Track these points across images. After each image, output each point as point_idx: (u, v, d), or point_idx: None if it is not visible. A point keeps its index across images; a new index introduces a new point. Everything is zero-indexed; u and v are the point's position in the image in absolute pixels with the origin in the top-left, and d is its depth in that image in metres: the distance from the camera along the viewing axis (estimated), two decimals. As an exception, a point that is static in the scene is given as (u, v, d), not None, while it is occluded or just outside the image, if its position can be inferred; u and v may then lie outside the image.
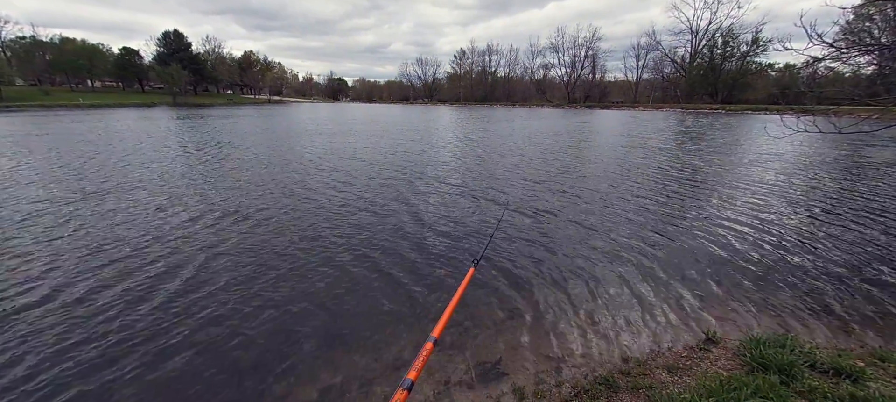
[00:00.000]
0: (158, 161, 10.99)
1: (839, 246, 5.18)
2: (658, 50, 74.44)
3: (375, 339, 3.17)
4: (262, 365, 2.87)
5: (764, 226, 5.97)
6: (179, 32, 71.05)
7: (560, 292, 3.96)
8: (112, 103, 49.36)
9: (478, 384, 2.69)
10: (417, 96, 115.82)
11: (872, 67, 8.73)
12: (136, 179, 8.71)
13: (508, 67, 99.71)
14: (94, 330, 3.23)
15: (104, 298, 3.72)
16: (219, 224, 5.82)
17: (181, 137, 17.03)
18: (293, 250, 4.87)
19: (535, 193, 7.93)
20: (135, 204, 6.78)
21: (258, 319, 3.43)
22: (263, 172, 9.78)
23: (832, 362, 2.50)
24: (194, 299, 3.74)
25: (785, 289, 4.05)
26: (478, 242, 5.26)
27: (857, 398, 2.10)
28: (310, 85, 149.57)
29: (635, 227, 5.93)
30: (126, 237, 5.23)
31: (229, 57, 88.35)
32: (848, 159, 12.14)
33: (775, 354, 2.54)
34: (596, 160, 12.21)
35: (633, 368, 2.74)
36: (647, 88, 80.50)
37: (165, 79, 61.30)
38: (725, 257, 4.84)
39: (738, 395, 2.13)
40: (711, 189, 8.39)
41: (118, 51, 67.39)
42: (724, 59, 63.95)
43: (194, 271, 4.31)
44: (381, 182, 8.81)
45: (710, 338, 3.09)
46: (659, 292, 3.97)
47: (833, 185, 8.74)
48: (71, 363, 2.84)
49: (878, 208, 6.92)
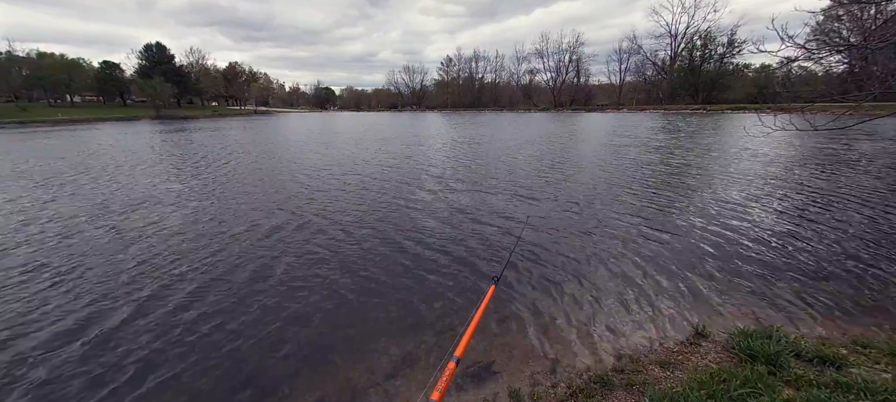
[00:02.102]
0: (146, 178, 10.76)
1: (820, 238, 5.35)
2: (640, 54, 76.44)
3: (394, 355, 3.05)
4: (285, 384, 2.82)
5: (748, 221, 6.13)
6: (162, 45, 70.08)
7: (553, 293, 4.00)
8: (92, 118, 48.22)
9: (472, 387, 2.69)
10: (406, 104, 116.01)
11: (843, 66, 9.09)
12: (139, 198, 8.51)
13: (495, 73, 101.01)
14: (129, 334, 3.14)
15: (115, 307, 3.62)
16: (250, 238, 5.72)
17: (167, 151, 16.71)
18: (311, 272, 4.61)
19: (522, 194, 8.00)
20: (122, 225, 6.62)
21: (280, 338, 3.34)
22: (264, 185, 9.66)
23: (817, 351, 2.58)
24: (206, 331, 3.66)
25: (770, 282, 4.17)
26: (489, 255, 5.07)
27: (841, 385, 2.17)
28: (297, 95, 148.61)
29: (625, 226, 6.02)
30: (128, 256, 5.11)
31: (213, 68, 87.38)
32: (824, 154, 12.57)
33: (762, 345, 2.61)
34: (586, 162, 12.39)
35: (627, 365, 2.78)
36: (631, 91, 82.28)
37: (148, 92, 60.14)
38: (713, 253, 4.96)
39: (727, 386, 2.18)
40: (696, 188, 8.58)
41: (98, 65, 66.01)
42: (703, 61, 65.95)
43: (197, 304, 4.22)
44: (388, 192, 8.78)
45: (700, 332, 3.16)
46: (650, 291, 4.04)
47: (812, 180, 9.03)
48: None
49: (856, 200, 7.17)
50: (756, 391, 2.13)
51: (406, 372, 2.82)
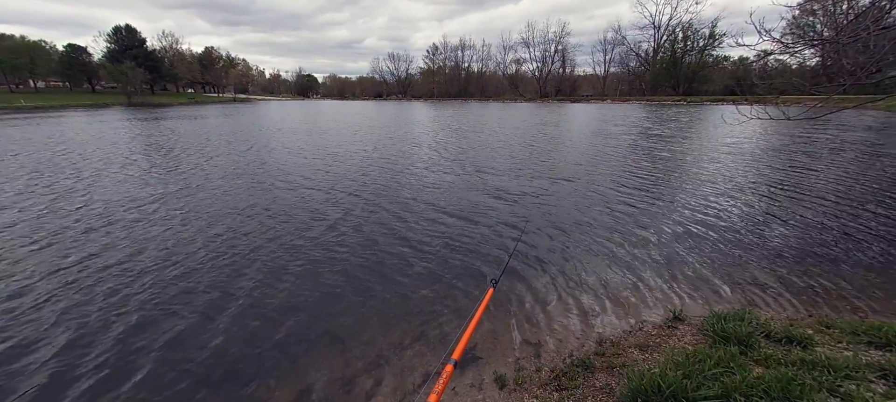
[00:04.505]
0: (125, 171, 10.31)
1: (790, 226, 5.59)
2: (624, 45, 77.33)
3: (392, 356, 2.97)
4: (280, 387, 2.77)
5: (722, 209, 6.35)
6: (132, 27, 66.56)
7: (535, 281, 4.06)
8: (58, 104, 45.61)
9: (457, 374, 2.72)
10: (391, 92, 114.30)
11: (816, 60, 9.41)
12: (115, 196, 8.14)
13: (481, 62, 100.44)
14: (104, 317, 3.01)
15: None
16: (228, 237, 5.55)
17: (143, 142, 16.04)
18: (305, 271, 4.42)
19: (507, 180, 8.06)
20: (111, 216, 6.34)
21: (273, 340, 3.27)
22: (253, 179, 9.39)
23: (785, 331, 2.70)
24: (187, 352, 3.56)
25: (743, 266, 4.34)
26: (485, 256, 4.77)
27: (807, 362, 2.29)
28: (277, 82, 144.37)
29: (607, 217, 6.15)
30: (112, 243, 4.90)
31: (189, 53, 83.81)
32: (796, 144, 13.09)
33: (735, 327, 2.72)
34: (571, 151, 12.56)
35: (608, 349, 2.86)
36: (615, 82, 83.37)
37: (118, 78, 57.14)
38: (689, 240, 5.12)
39: (702, 366, 2.27)
40: (675, 178, 8.82)
41: (63, 48, 62.23)
42: (684, 53, 67.21)
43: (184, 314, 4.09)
44: (386, 192, 8.67)
45: (677, 316, 3.27)
46: (630, 277, 4.15)
47: (783, 169, 9.40)
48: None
49: (822, 189, 7.51)
50: (729, 370, 2.22)
51: (403, 374, 2.80)
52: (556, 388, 2.46)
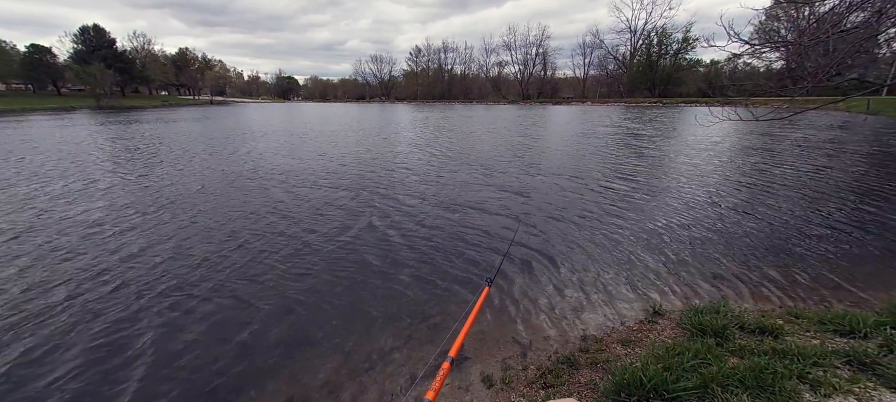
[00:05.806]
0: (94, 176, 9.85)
1: (760, 221, 5.84)
2: (602, 48, 79.18)
3: (389, 355, 2.96)
4: (273, 388, 2.69)
5: (698, 206, 6.58)
6: (100, 27, 63.86)
7: (520, 280, 4.10)
8: (20, 108, 43.11)
9: (453, 371, 2.71)
10: (374, 95, 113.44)
11: (780, 63, 9.83)
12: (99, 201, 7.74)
13: (464, 64, 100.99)
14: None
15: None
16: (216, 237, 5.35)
17: (112, 147, 15.37)
18: (297, 273, 4.34)
19: (512, 190, 8.12)
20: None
21: (265, 338, 3.19)
22: (241, 180, 9.12)
23: (757, 322, 2.82)
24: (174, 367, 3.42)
25: (718, 261, 4.51)
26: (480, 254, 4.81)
27: (778, 351, 2.40)
28: (256, 84, 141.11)
29: (587, 215, 6.28)
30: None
31: (162, 54, 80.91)
32: (768, 142, 13.70)
33: (711, 320, 2.82)
34: (557, 152, 12.76)
35: (592, 345, 2.92)
36: (594, 84, 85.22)
37: (86, 80, 54.55)
38: (667, 237, 5.28)
39: (681, 359, 2.34)
40: (652, 177, 9.09)
41: (25, 48, 58.96)
42: (659, 56, 69.37)
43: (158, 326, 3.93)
44: (382, 191, 8.57)
45: (657, 311, 3.37)
46: (612, 275, 4.25)
47: (755, 166, 9.83)
48: None
49: (790, 186, 7.88)
50: (706, 361, 2.31)
51: (399, 373, 2.77)
52: (542, 386, 2.49)
